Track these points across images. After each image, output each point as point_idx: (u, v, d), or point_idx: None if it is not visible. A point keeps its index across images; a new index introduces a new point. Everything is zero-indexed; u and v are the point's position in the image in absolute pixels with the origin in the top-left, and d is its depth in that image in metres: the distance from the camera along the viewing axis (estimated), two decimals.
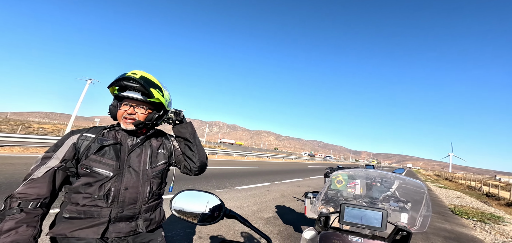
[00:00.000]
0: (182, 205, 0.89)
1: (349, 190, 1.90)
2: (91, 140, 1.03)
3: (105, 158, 1.02)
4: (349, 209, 0.93)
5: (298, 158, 39.80)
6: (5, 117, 48.89)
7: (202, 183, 6.76)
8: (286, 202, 6.24)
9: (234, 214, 0.82)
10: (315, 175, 15.71)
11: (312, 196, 3.11)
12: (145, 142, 1.14)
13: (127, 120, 1.06)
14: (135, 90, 1.05)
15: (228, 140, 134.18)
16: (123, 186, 1.03)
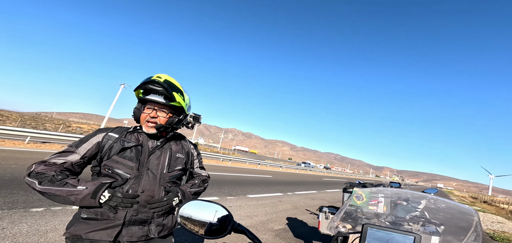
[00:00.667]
0: (189, 215, 0.83)
1: (371, 208, 1.67)
2: (114, 140, 1.04)
3: (126, 160, 1.03)
4: (373, 231, 0.76)
5: (313, 170, 38.18)
6: (51, 117, 55.66)
7: (214, 189, 6.73)
8: (298, 214, 5.90)
9: (243, 229, 0.74)
10: (331, 188, 14.86)
11: (327, 211, 2.85)
12: (165, 144, 1.15)
13: (149, 124, 1.08)
14: (159, 93, 1.07)
15: (242, 148, 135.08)
16: (140, 188, 1.03)
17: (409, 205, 1.83)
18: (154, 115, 1.08)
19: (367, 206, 1.66)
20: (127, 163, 1.03)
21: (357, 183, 3.25)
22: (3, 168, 4.86)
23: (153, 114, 1.08)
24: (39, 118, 37.02)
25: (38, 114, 66.19)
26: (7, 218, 2.72)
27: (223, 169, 13.24)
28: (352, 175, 58.65)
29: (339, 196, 11.68)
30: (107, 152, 1.02)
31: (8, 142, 9.05)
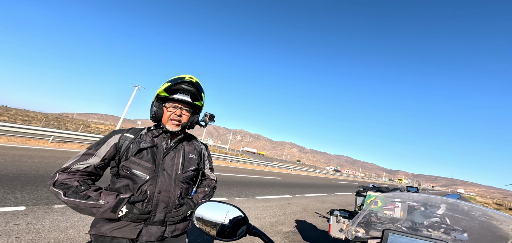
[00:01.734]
0: (205, 216, 0.84)
1: (386, 212, 1.59)
2: (130, 141, 1.06)
3: (143, 161, 1.04)
4: (395, 237, 0.71)
5: (323, 172, 37.37)
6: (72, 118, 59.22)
7: (223, 190, 6.78)
8: (307, 217, 5.78)
9: (259, 232, 0.73)
10: (341, 191, 14.42)
11: (339, 214, 2.76)
12: (178, 145, 1.16)
13: (173, 121, 1.10)
14: (185, 93, 1.11)
15: (251, 149, 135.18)
16: (157, 189, 1.05)
17: (427, 211, 1.73)
18: (179, 114, 1.11)
19: (382, 211, 1.59)
20: (144, 164, 1.04)
21: (371, 186, 3.11)
22: (28, 166, 5.23)
23: (179, 113, 1.11)
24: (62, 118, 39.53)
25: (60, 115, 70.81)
26: (31, 213, 2.91)
27: (231, 170, 13.31)
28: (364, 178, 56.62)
29: (350, 199, 11.30)
30: (124, 153, 1.04)
31: (33, 141, 9.72)
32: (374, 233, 1.48)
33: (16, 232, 2.40)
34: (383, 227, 1.46)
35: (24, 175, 4.43)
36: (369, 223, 1.49)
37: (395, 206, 1.69)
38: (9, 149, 6.93)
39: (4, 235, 2.29)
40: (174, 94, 1.10)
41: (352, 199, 11.54)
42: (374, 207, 1.63)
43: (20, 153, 6.66)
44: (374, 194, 2.77)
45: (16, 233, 2.38)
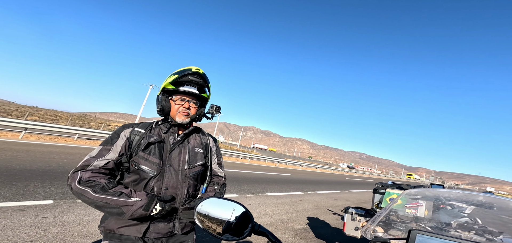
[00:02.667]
0: (208, 212, 0.79)
1: (409, 211, 1.46)
2: (141, 135, 1.05)
3: (150, 156, 1.03)
4: (424, 238, 0.62)
5: (335, 169, 36.39)
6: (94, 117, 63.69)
7: (234, 186, 6.84)
8: (319, 214, 5.65)
9: (265, 231, 0.68)
10: (356, 188, 13.95)
11: (354, 212, 2.63)
12: (185, 140, 1.14)
13: (183, 114, 1.09)
14: (192, 84, 1.09)
15: (261, 146, 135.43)
16: (164, 185, 1.03)
17: (455, 210, 1.57)
18: (187, 106, 1.10)
19: (404, 209, 1.46)
20: (151, 160, 1.02)
21: (390, 183, 2.92)
22: (56, 162, 5.66)
23: (187, 105, 1.10)
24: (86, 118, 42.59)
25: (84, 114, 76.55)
26: (58, 207, 3.13)
27: (242, 167, 13.41)
28: (380, 175, 54.34)
29: (365, 196, 10.89)
30: (135, 149, 1.02)
31: (61, 139, 10.54)
32: (395, 233, 1.36)
33: (44, 224, 2.60)
34: (405, 227, 1.34)
35: (52, 171, 4.80)
36: (389, 222, 1.37)
37: (419, 204, 1.55)
38: (39, 146, 7.57)
39: (33, 227, 2.49)
40: (181, 86, 1.08)
41: (368, 196, 11.10)
42: (394, 205, 1.51)
43: (49, 149, 7.25)
44: (393, 191, 2.60)
45: (44, 225, 2.58)
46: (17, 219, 2.61)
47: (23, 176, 4.12)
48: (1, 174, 4.00)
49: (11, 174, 4.10)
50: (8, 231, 2.32)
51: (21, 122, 9.41)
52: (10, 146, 6.79)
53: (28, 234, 2.33)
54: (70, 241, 2.35)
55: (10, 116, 18.98)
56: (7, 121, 9.14)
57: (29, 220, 2.63)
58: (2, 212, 2.71)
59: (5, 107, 30.01)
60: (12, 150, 6.15)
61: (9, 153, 5.71)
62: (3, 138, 8.19)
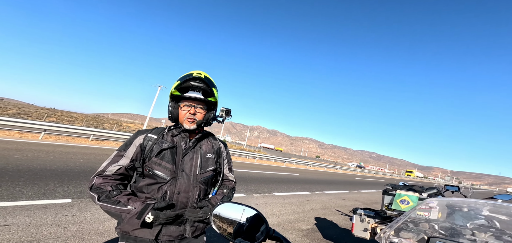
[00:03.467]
0: (223, 217, 0.82)
1: (420, 213, 1.42)
2: (153, 141, 1.09)
3: (164, 161, 1.07)
4: None
5: (344, 169, 35.67)
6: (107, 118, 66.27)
7: (241, 186, 6.89)
8: (327, 214, 5.58)
9: (280, 236, 0.69)
10: (366, 188, 13.62)
11: (363, 213, 2.59)
12: (196, 145, 1.17)
13: (189, 120, 1.10)
14: (197, 90, 1.10)
15: (268, 145, 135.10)
16: (177, 189, 1.07)
17: (471, 212, 1.51)
18: (193, 112, 1.10)
19: (416, 212, 1.42)
20: (165, 165, 1.06)
21: (401, 184, 2.83)
22: (73, 162, 5.96)
23: (193, 111, 1.10)
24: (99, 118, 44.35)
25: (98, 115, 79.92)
26: (76, 206, 3.31)
27: (249, 166, 13.46)
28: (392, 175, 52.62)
29: (375, 197, 10.61)
30: (148, 154, 1.07)
31: (77, 139, 11.06)
32: (406, 235, 1.33)
33: (63, 222, 2.76)
34: (417, 230, 1.30)
35: (70, 170, 5.06)
36: (399, 225, 1.34)
37: (432, 206, 1.51)
38: (58, 147, 7.99)
39: (54, 225, 2.65)
40: (185, 92, 1.10)
41: (378, 196, 10.81)
42: (404, 207, 1.47)
43: (66, 150, 7.64)
44: (404, 193, 2.52)
45: (64, 223, 2.73)
46: (39, 217, 2.79)
47: (43, 175, 4.38)
48: (24, 173, 4.28)
49: (32, 173, 4.37)
50: (32, 229, 2.48)
51: (40, 123, 9.97)
52: (31, 146, 7.21)
53: (50, 232, 2.49)
54: (87, 239, 2.48)
55: (30, 118, 20.17)
56: (28, 123, 9.72)
57: (50, 218, 2.80)
58: (26, 210, 2.90)
59: (25, 109, 31.89)
60: (33, 151, 6.54)
61: (30, 153, 6.08)
62: (24, 139, 8.72)
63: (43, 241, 2.28)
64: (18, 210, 2.85)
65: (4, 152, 5.71)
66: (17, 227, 2.45)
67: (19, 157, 5.46)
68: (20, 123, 9.59)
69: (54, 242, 2.30)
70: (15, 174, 4.14)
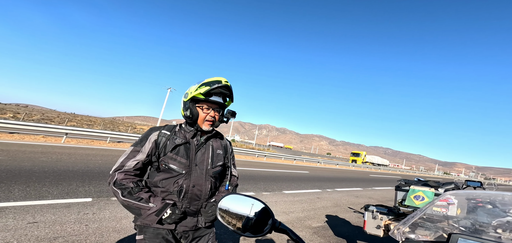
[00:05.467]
0: (229, 208, 0.81)
1: (437, 209, 1.35)
2: (167, 137, 1.16)
3: (178, 156, 1.13)
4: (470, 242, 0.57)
5: (357, 165, 34.66)
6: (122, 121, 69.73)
7: (250, 184, 6.94)
8: (339, 212, 5.46)
9: (286, 228, 0.68)
10: (380, 185, 13.15)
11: (375, 210, 2.51)
12: (207, 141, 1.24)
13: (209, 122, 1.19)
14: (219, 95, 1.19)
15: (277, 143, 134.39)
16: (191, 183, 1.14)
17: (496, 209, 1.41)
18: (213, 115, 1.19)
19: (432, 208, 1.35)
20: (180, 160, 1.13)
21: (416, 180, 2.70)
22: (93, 163, 6.33)
23: (213, 114, 1.19)
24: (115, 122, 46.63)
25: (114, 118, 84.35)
26: (96, 204, 3.51)
27: (258, 165, 13.50)
28: (410, 171, 50.35)
29: (391, 194, 10.21)
30: (163, 149, 1.13)
31: (96, 142, 11.72)
32: (423, 233, 1.27)
33: (85, 220, 2.94)
34: (434, 227, 1.24)
35: (90, 171, 5.38)
36: (415, 222, 1.29)
37: (450, 202, 1.42)
38: (79, 149, 8.51)
39: (77, 223, 2.84)
40: (210, 97, 1.17)
41: (393, 193, 10.40)
42: (419, 203, 1.41)
43: (86, 152, 8.12)
44: (418, 188, 2.41)
45: (86, 221, 2.92)
46: (64, 214, 3.00)
47: (67, 176, 4.69)
48: (49, 174, 4.61)
49: (57, 174, 4.70)
50: (57, 226, 2.68)
51: (62, 128, 10.68)
52: (55, 149, 7.75)
53: (73, 229, 2.67)
54: (106, 235, 2.63)
55: (53, 123, 21.66)
56: (51, 127, 10.46)
57: (73, 216, 3.00)
58: (52, 208, 3.13)
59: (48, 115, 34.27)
60: (57, 153, 7.03)
61: (54, 156, 6.54)
62: (48, 142, 9.38)
63: (67, 238, 2.45)
64: (45, 208, 3.08)
65: (31, 155, 6.19)
66: (44, 224, 2.66)
67: (45, 159, 5.90)
68: (44, 127, 10.33)
69: (77, 238, 2.46)
70: (41, 175, 4.48)
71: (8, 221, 2.60)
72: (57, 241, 2.35)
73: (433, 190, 2.26)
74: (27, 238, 2.32)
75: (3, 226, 2.47)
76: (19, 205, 3.06)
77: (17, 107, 42.19)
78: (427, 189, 2.30)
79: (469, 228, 1.31)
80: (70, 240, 2.39)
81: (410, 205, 2.37)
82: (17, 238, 2.29)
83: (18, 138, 9.09)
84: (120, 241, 2.55)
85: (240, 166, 10.82)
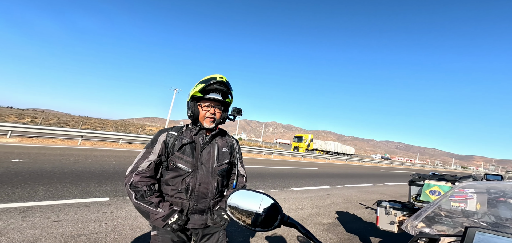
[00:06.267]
0: (237, 205, 0.82)
1: (455, 204, 1.32)
2: (175, 138, 1.21)
3: (185, 155, 1.18)
4: (487, 237, 0.55)
5: (367, 161, 33.89)
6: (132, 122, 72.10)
7: (258, 182, 6.98)
8: (350, 208, 5.39)
9: (294, 222, 0.69)
10: (393, 181, 12.82)
11: (388, 205, 2.46)
12: (212, 140, 1.27)
13: (209, 119, 1.22)
14: (217, 92, 1.21)
15: (284, 140, 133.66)
16: (198, 181, 1.18)
17: None
18: (213, 112, 1.22)
19: (449, 202, 1.32)
20: (186, 158, 1.18)
21: (430, 174, 2.61)
22: (108, 164, 6.61)
23: (213, 111, 1.22)
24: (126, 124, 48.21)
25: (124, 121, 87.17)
26: (113, 204, 3.68)
27: (265, 162, 13.53)
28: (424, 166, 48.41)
29: (404, 189, 9.94)
30: (171, 149, 1.19)
31: (109, 144, 12.19)
32: (440, 228, 1.24)
33: (104, 218, 3.09)
34: (452, 222, 1.21)
35: (106, 172, 5.63)
36: (431, 217, 1.26)
37: (468, 197, 1.38)
38: (94, 151, 8.90)
39: (97, 221, 2.99)
40: (207, 94, 1.20)
41: (406, 189, 10.11)
42: (434, 197, 1.37)
43: (101, 154, 8.47)
44: (434, 183, 2.33)
45: (105, 219, 3.07)
46: (85, 213, 3.17)
47: (84, 177, 4.94)
48: (69, 175, 4.87)
49: (75, 175, 4.96)
50: (80, 224, 2.84)
51: (78, 130, 11.18)
52: (72, 151, 8.15)
53: (94, 227, 2.82)
54: (124, 233, 2.76)
55: (69, 126, 22.69)
56: (68, 130, 10.98)
57: (93, 215, 3.16)
58: (74, 207, 3.32)
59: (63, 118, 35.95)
60: (74, 155, 7.39)
61: (72, 158, 6.88)
62: (66, 145, 9.86)
63: (89, 235, 2.59)
64: (67, 208, 3.27)
65: (51, 157, 6.55)
66: (68, 223, 2.82)
67: (63, 161, 6.22)
68: (61, 131, 10.86)
69: (98, 236, 2.60)
70: (62, 176, 4.74)
71: (35, 219, 2.79)
72: (80, 238, 2.50)
73: (450, 184, 2.18)
74: (53, 235, 2.48)
75: (31, 224, 2.65)
76: (43, 204, 3.27)
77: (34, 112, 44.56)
78: (444, 183, 2.22)
79: (490, 224, 1.27)
80: (92, 238, 2.53)
81: (425, 200, 2.31)
82: (44, 235, 2.46)
83: (37, 142, 9.62)
84: (137, 238, 2.67)
85: (248, 164, 10.89)
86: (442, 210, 1.34)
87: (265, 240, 3.04)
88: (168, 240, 1.14)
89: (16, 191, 3.62)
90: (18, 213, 2.90)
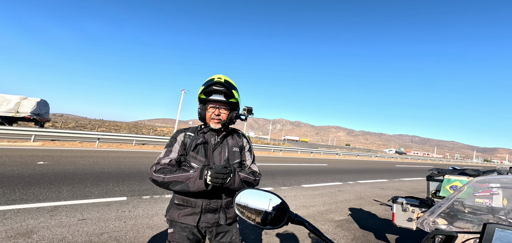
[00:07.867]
0: (246, 203, 0.85)
1: (480, 200, 1.26)
2: (191, 138, 1.27)
3: (198, 155, 1.24)
4: (507, 234, 0.53)
5: (380, 156, 32.85)
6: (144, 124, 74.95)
7: (268, 179, 7.00)
8: (363, 205, 5.28)
9: (301, 220, 0.70)
10: (408, 176, 12.37)
11: (404, 202, 2.39)
12: (224, 140, 1.31)
13: (214, 120, 1.25)
14: (219, 93, 1.24)
15: (292, 137, 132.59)
16: None
17: None
18: (218, 113, 1.25)
19: (473, 198, 1.26)
20: (199, 158, 1.23)
21: (450, 169, 2.49)
22: (124, 165, 6.92)
23: (217, 112, 1.25)
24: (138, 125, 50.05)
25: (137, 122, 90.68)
26: (130, 203, 3.85)
27: (274, 160, 13.51)
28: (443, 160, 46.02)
29: (421, 185, 9.56)
30: (188, 149, 1.24)
31: (123, 145, 12.73)
32: (462, 225, 1.19)
33: (123, 217, 3.26)
34: (477, 219, 1.15)
35: (122, 172, 5.90)
36: (453, 214, 1.21)
37: (493, 192, 1.31)
38: (110, 153, 9.34)
39: (117, 220, 3.16)
40: (210, 95, 1.24)
41: (424, 185, 9.70)
42: (460, 194, 1.31)
43: (117, 155, 8.88)
44: (455, 178, 2.22)
45: (124, 218, 3.23)
46: (105, 212, 3.35)
47: (103, 177, 5.21)
48: (89, 176, 5.16)
49: (95, 176, 5.24)
50: (102, 222, 3.01)
51: (95, 133, 11.79)
52: (90, 153, 8.61)
53: (115, 225, 2.98)
54: (142, 231, 2.89)
55: (86, 129, 23.95)
56: (86, 133, 11.61)
57: (113, 213, 3.34)
58: (95, 206, 3.52)
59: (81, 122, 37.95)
60: (93, 157, 7.80)
61: (91, 159, 7.27)
62: (85, 147, 10.43)
63: (111, 233, 2.74)
64: (90, 207, 3.48)
65: (72, 159, 6.96)
66: (91, 221, 3.01)
67: (84, 163, 6.60)
68: (80, 134, 11.52)
69: (118, 234, 2.75)
70: (83, 177, 5.03)
71: (62, 218, 2.99)
72: (103, 236, 2.65)
73: (472, 179, 2.07)
74: (79, 233, 2.66)
75: (59, 223, 2.85)
76: (68, 204, 3.50)
77: (53, 116, 47.44)
78: (465, 178, 2.11)
79: None
80: (113, 236, 2.68)
81: (444, 195, 2.21)
82: (71, 233, 2.64)
83: (59, 145, 10.24)
84: (154, 236, 2.79)
85: (257, 162, 10.94)
86: (466, 207, 1.29)
87: (276, 237, 3.06)
88: (184, 237, 1.19)
89: (43, 191, 3.90)
90: (46, 212, 3.13)
